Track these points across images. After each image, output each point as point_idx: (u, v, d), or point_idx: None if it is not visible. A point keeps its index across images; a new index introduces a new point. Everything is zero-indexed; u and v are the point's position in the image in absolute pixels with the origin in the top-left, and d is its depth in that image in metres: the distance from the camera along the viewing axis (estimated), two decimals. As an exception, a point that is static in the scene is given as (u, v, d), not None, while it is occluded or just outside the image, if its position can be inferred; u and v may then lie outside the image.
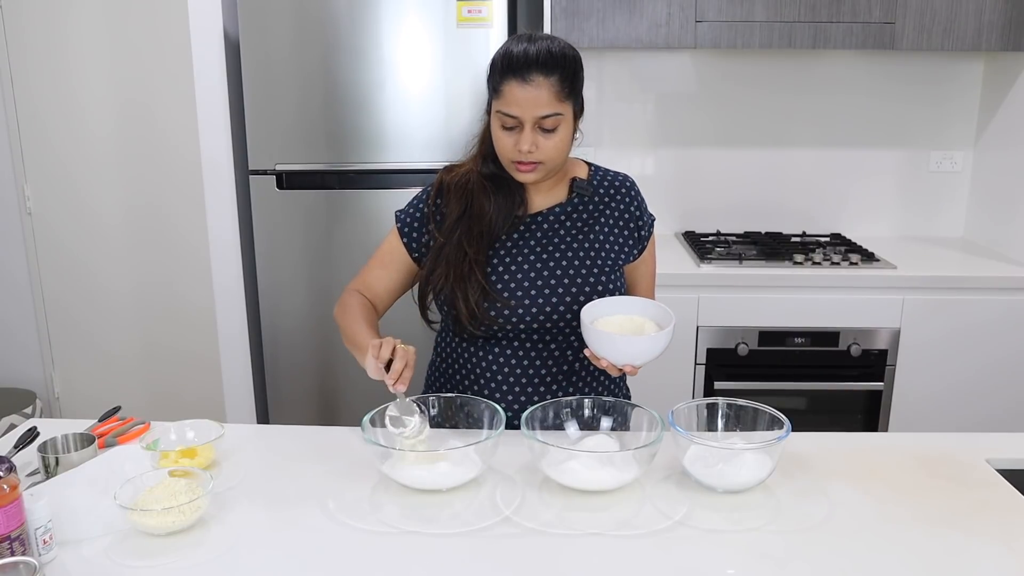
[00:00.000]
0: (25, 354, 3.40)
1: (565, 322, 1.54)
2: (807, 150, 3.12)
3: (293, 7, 2.54)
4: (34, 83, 3.15)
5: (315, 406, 2.84)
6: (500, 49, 1.48)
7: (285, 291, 2.75)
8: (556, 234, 1.58)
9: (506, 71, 1.44)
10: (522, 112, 1.43)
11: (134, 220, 3.24)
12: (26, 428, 1.54)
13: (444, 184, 1.60)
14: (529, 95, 1.42)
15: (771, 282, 2.62)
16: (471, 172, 1.58)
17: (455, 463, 1.33)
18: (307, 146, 2.63)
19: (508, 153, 1.48)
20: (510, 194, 1.56)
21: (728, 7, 2.64)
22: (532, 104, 1.43)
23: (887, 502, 1.30)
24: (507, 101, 1.44)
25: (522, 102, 1.43)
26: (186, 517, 1.20)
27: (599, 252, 1.58)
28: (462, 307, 1.51)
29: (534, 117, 1.43)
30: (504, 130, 1.47)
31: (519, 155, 1.47)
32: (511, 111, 1.44)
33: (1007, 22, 2.65)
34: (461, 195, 1.56)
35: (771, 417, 1.39)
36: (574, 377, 1.58)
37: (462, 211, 1.55)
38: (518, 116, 1.44)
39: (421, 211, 1.61)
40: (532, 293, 1.53)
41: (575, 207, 1.60)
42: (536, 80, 1.42)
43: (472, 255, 1.52)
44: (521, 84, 1.42)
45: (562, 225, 1.58)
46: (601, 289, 1.55)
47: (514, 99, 1.43)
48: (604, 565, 1.14)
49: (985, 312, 2.62)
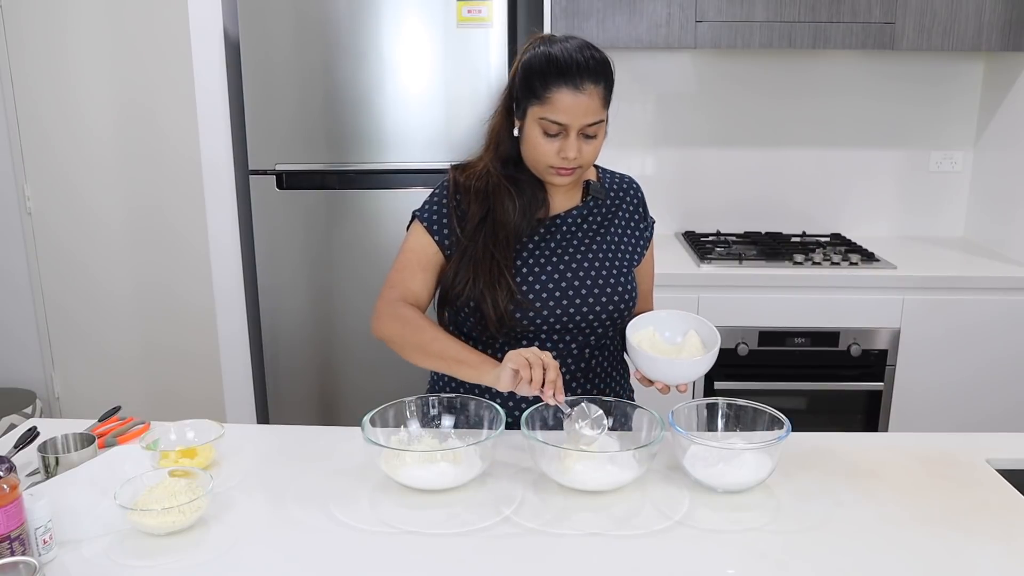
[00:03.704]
0: (25, 354, 3.40)
1: (587, 322, 1.54)
2: (807, 150, 3.12)
3: (293, 7, 2.54)
4: (34, 83, 3.15)
5: (315, 406, 2.84)
6: (535, 52, 1.45)
7: (285, 291, 2.75)
8: (575, 236, 1.58)
9: (556, 77, 1.40)
10: (572, 120, 1.41)
11: (134, 220, 3.24)
12: (26, 428, 1.54)
13: (460, 184, 1.55)
14: (581, 103, 1.41)
15: (771, 282, 2.62)
16: (488, 173, 1.54)
17: (455, 463, 1.33)
18: (307, 146, 2.63)
19: (549, 159, 1.46)
20: (532, 196, 1.54)
21: (728, 7, 2.64)
22: (583, 112, 1.41)
23: (887, 502, 1.30)
24: (556, 108, 1.41)
25: (572, 110, 1.41)
26: (186, 517, 1.20)
27: (616, 253, 1.59)
28: (491, 312, 1.48)
29: (582, 124, 1.42)
30: (546, 136, 1.44)
31: (562, 162, 1.45)
32: (559, 119, 1.41)
33: (1007, 22, 2.65)
34: (481, 196, 1.52)
35: (771, 417, 1.39)
36: (591, 374, 1.60)
37: (484, 213, 1.52)
38: (567, 124, 1.42)
39: (445, 207, 1.56)
40: (556, 295, 1.52)
41: (590, 209, 1.60)
42: (588, 88, 1.41)
43: (500, 259, 1.49)
44: (574, 92, 1.40)
45: (579, 228, 1.59)
46: (620, 290, 1.56)
47: (564, 107, 1.41)
48: (604, 565, 1.14)
49: (985, 312, 2.62)
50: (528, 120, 1.46)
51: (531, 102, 1.44)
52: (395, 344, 1.51)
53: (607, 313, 1.55)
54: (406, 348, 1.50)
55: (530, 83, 1.44)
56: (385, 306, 1.53)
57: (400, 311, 1.51)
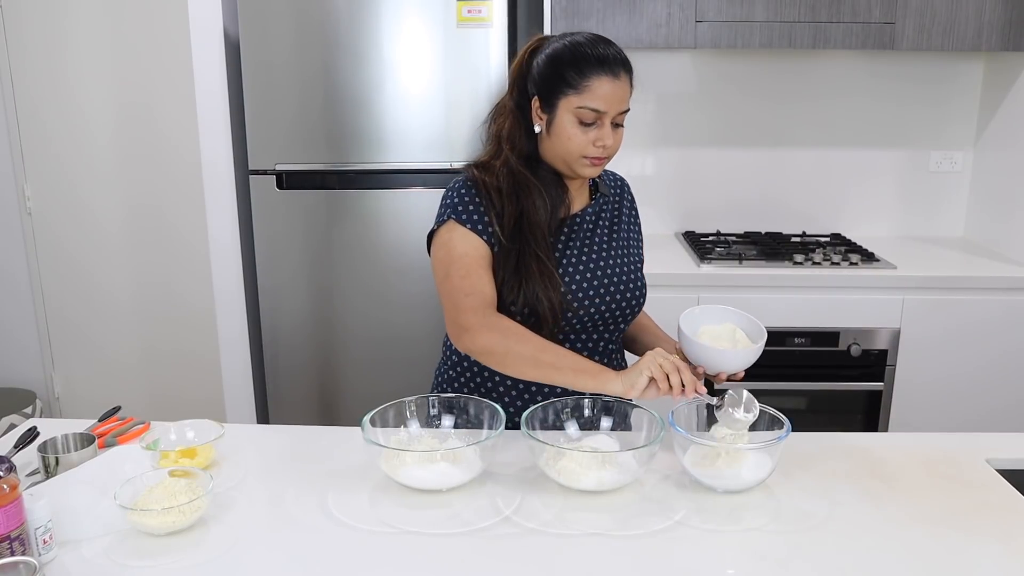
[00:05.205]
0: (25, 354, 3.40)
1: (616, 317, 1.59)
2: (807, 150, 3.12)
3: (293, 7, 2.54)
4: (34, 83, 3.15)
5: (315, 406, 2.84)
6: (560, 46, 1.47)
7: (285, 291, 2.75)
8: (595, 234, 1.61)
9: (595, 66, 1.44)
10: (610, 107, 1.45)
11: (134, 220, 3.24)
12: (26, 428, 1.54)
13: (487, 183, 1.51)
14: (618, 90, 1.45)
15: (771, 282, 2.62)
16: (512, 172, 1.51)
17: (455, 463, 1.33)
18: (307, 146, 2.63)
19: (582, 148, 1.47)
20: (557, 193, 1.54)
21: (728, 7, 2.64)
22: (619, 99, 1.46)
23: (887, 502, 1.30)
24: (596, 96, 1.44)
25: (611, 97, 1.44)
26: (186, 517, 1.20)
27: (629, 249, 1.65)
28: (547, 312, 1.48)
29: (618, 111, 1.47)
30: (581, 126, 1.46)
31: (595, 150, 1.47)
32: (598, 106, 1.44)
33: (1007, 22, 2.65)
34: (512, 196, 1.50)
35: (771, 417, 1.39)
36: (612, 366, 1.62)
37: (518, 214, 1.50)
38: (605, 111, 1.45)
39: (482, 205, 1.51)
40: (590, 292, 1.55)
41: (601, 207, 1.63)
42: (623, 76, 1.46)
43: (545, 258, 1.49)
44: (612, 79, 1.44)
45: (597, 225, 1.62)
46: (640, 284, 1.63)
47: (603, 94, 1.44)
48: (604, 565, 1.14)
49: (985, 312, 2.62)
50: (560, 112, 1.47)
51: (565, 93, 1.46)
52: (495, 355, 1.44)
53: (629, 306, 1.60)
54: (509, 358, 1.42)
55: (563, 74, 1.45)
56: (476, 317, 1.44)
57: (498, 321, 1.45)
